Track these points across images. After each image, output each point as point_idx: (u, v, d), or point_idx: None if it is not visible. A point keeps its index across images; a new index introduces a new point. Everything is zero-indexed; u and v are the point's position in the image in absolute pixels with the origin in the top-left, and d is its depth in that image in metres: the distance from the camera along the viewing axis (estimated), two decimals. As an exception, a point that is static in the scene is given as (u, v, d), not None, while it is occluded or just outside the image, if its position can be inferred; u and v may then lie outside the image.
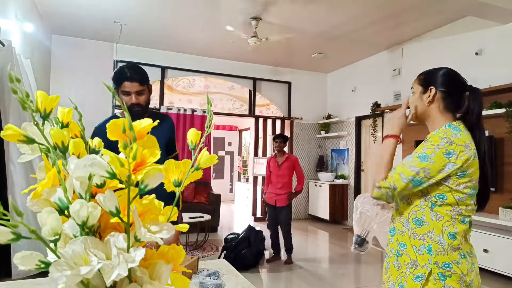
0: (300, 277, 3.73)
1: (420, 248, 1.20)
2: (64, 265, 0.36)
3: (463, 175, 1.17)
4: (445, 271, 1.16)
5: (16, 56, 3.16)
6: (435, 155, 1.16)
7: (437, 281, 1.15)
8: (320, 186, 6.76)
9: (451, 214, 1.18)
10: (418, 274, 1.18)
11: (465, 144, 1.17)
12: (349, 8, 4.31)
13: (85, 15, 4.70)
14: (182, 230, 0.48)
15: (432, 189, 1.19)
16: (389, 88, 5.70)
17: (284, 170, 4.26)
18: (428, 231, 1.19)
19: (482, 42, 4.30)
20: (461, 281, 1.16)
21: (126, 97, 1.65)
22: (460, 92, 1.29)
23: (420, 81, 1.34)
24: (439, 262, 1.16)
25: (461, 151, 1.15)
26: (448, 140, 1.17)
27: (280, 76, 7.07)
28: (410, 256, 1.22)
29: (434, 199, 1.19)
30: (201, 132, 0.52)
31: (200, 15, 4.62)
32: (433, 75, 1.31)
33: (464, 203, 1.18)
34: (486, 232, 3.73)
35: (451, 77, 1.30)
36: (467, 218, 1.20)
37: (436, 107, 1.29)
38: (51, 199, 0.43)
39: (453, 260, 1.16)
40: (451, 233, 1.17)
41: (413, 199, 1.24)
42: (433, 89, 1.28)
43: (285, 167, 4.26)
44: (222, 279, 1.29)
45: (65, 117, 0.49)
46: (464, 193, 1.17)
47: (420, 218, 1.21)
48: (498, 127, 3.99)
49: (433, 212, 1.19)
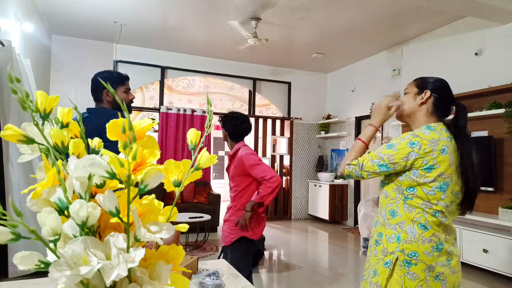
0: (300, 277, 3.73)
1: (391, 237, 1.31)
2: (63, 265, 0.36)
3: (430, 169, 1.27)
4: (411, 259, 1.26)
5: (16, 56, 3.16)
6: (400, 144, 1.30)
7: (402, 267, 1.27)
8: (320, 186, 6.77)
9: (422, 207, 1.28)
10: (387, 260, 1.30)
11: (432, 139, 1.29)
12: (349, 8, 4.31)
13: (85, 15, 4.70)
14: (182, 230, 0.48)
15: (404, 182, 1.30)
16: (389, 88, 5.70)
17: (232, 177, 2.45)
18: (400, 221, 1.31)
19: (482, 42, 4.30)
20: (427, 271, 1.25)
21: (126, 95, 1.80)
22: (450, 103, 1.42)
23: (417, 83, 1.44)
24: (405, 250, 1.27)
25: (424, 144, 1.27)
26: (414, 134, 1.31)
27: (280, 76, 7.07)
28: (384, 244, 1.34)
29: (406, 192, 1.31)
30: (201, 132, 0.52)
31: (200, 15, 4.62)
32: (430, 81, 1.42)
33: (434, 197, 1.27)
34: (486, 232, 3.73)
35: (446, 87, 1.42)
36: (439, 213, 1.28)
37: (425, 109, 1.40)
38: (50, 199, 0.43)
39: (424, 250, 1.25)
40: (422, 224, 1.28)
41: (390, 193, 1.36)
42: (428, 92, 1.39)
43: (232, 173, 2.43)
44: (222, 279, 1.29)
45: (65, 117, 0.49)
46: (431, 186, 1.27)
47: (394, 210, 1.33)
48: (498, 127, 3.99)
49: (406, 205, 1.31)
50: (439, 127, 1.34)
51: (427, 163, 1.26)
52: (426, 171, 1.27)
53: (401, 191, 1.31)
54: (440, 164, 1.27)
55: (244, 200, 2.37)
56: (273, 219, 6.85)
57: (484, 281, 3.61)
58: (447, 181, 1.28)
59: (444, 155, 1.28)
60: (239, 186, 2.39)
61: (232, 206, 2.42)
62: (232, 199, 2.45)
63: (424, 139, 1.28)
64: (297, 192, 7.13)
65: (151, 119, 0.45)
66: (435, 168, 1.26)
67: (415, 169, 1.28)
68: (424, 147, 1.27)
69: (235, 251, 2.33)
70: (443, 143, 1.29)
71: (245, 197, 2.38)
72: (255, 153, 2.41)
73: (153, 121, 0.46)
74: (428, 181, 1.27)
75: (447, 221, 1.31)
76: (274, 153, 7.12)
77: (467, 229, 3.93)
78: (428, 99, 1.39)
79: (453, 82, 5.22)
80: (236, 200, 2.41)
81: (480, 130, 4.23)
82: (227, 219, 2.42)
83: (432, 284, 1.25)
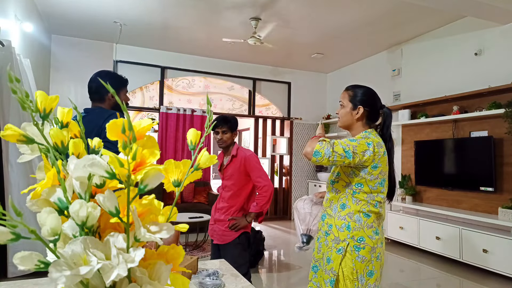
0: (300, 277, 3.73)
1: (342, 227, 1.53)
2: (63, 265, 0.36)
3: (376, 167, 1.51)
4: (360, 244, 1.48)
5: (15, 56, 3.16)
6: (360, 140, 1.52)
7: (353, 252, 1.48)
8: (319, 186, 6.77)
9: (366, 199, 1.52)
10: (340, 247, 1.50)
11: (379, 142, 1.54)
12: (349, 8, 4.31)
13: (85, 15, 4.69)
14: (182, 230, 0.48)
15: (353, 180, 1.53)
16: (388, 88, 5.70)
17: (230, 176, 2.45)
18: (349, 212, 1.53)
19: (481, 43, 4.30)
20: (372, 253, 1.48)
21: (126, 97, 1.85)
22: (379, 109, 1.65)
23: (350, 97, 1.65)
24: (355, 236, 1.49)
25: (375, 145, 1.51)
26: (367, 136, 1.55)
27: (279, 76, 7.07)
28: (335, 234, 1.55)
29: (355, 187, 1.53)
30: (200, 132, 0.53)
31: (200, 15, 4.62)
32: (359, 95, 1.63)
33: (375, 191, 1.53)
34: (485, 232, 3.73)
35: (373, 96, 1.65)
36: (379, 204, 1.54)
37: (361, 120, 1.63)
38: (50, 199, 0.43)
39: (368, 235, 1.49)
40: (366, 213, 1.52)
41: (340, 189, 1.58)
42: (361, 108, 1.61)
43: (232, 172, 2.44)
44: (221, 279, 1.29)
45: (65, 117, 0.49)
46: (375, 182, 1.52)
47: (344, 203, 1.56)
48: (498, 127, 4.00)
49: (354, 198, 1.53)
50: (374, 132, 1.59)
51: (374, 162, 1.50)
52: (373, 169, 1.50)
53: (350, 187, 1.54)
54: (382, 163, 1.52)
55: (241, 200, 2.43)
56: (273, 219, 6.84)
57: (484, 281, 3.61)
58: (385, 178, 1.56)
59: (385, 156, 1.54)
60: (236, 186, 2.43)
61: (228, 206, 2.44)
62: (226, 199, 2.46)
63: (375, 141, 1.53)
64: (297, 192, 7.13)
65: (151, 119, 0.46)
66: (379, 167, 1.51)
67: (365, 167, 1.51)
68: (375, 148, 1.50)
69: (236, 248, 2.40)
70: (383, 146, 1.55)
71: (242, 196, 2.44)
72: (256, 155, 2.52)
73: (153, 121, 0.46)
74: (373, 178, 1.51)
75: (382, 211, 1.56)
76: (274, 153, 7.11)
77: (467, 229, 3.93)
78: (363, 114, 1.61)
79: (453, 82, 5.23)
80: (232, 200, 2.44)
81: (480, 130, 4.23)
82: (222, 219, 2.44)
83: (375, 264, 1.49)
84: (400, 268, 4.11)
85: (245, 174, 2.41)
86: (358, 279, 1.46)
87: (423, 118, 4.78)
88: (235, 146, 2.48)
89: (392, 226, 4.99)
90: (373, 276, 1.48)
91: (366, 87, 1.67)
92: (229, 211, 2.43)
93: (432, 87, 4.90)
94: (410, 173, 5.10)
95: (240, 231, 2.40)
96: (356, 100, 1.63)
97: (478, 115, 4.09)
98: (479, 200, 4.21)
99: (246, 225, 2.41)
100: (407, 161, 5.22)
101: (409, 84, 5.34)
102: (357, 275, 1.46)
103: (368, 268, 1.47)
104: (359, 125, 1.63)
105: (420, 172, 4.90)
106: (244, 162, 2.40)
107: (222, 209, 2.46)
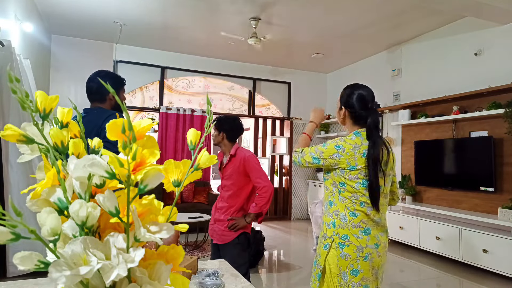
0: (300, 277, 3.73)
1: (329, 223, 1.56)
2: (63, 265, 0.36)
3: (353, 168, 1.51)
4: (344, 241, 1.49)
5: (15, 56, 3.16)
6: (329, 145, 1.57)
7: (337, 249, 1.50)
8: (319, 186, 6.77)
9: (351, 198, 1.52)
10: (326, 243, 1.54)
11: (355, 144, 1.53)
12: (349, 8, 4.31)
13: (85, 15, 4.69)
14: (182, 230, 0.48)
15: (337, 179, 1.55)
16: (388, 88, 5.70)
17: (229, 176, 2.44)
18: (336, 210, 1.55)
19: (481, 43, 4.30)
20: (358, 251, 1.48)
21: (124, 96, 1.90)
22: (363, 110, 1.60)
23: (340, 97, 1.69)
24: (340, 233, 1.51)
25: (348, 148, 1.52)
26: (342, 139, 1.56)
27: (279, 76, 7.07)
28: (324, 230, 1.60)
29: (339, 186, 1.55)
30: (200, 132, 0.52)
31: (200, 15, 4.62)
32: (344, 96, 1.65)
33: (359, 191, 1.51)
34: (485, 233, 3.73)
35: (359, 99, 1.60)
36: (365, 204, 1.51)
37: (348, 121, 1.66)
38: (50, 199, 0.43)
39: (353, 233, 1.49)
40: (352, 212, 1.52)
41: (329, 187, 1.61)
42: (343, 108, 1.65)
43: (231, 172, 2.43)
44: (221, 279, 1.29)
45: (65, 117, 0.49)
46: (355, 183, 1.51)
47: (332, 201, 1.58)
48: (498, 127, 4.00)
49: (340, 196, 1.55)
50: (364, 133, 1.57)
51: (350, 164, 1.51)
52: (349, 171, 1.51)
53: (336, 185, 1.57)
54: (360, 165, 1.51)
55: (241, 200, 2.43)
56: (273, 219, 6.85)
57: (483, 281, 3.61)
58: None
59: (364, 157, 1.51)
60: (235, 186, 2.42)
61: (227, 206, 2.43)
62: (226, 199, 2.45)
63: (348, 143, 1.53)
64: (297, 192, 7.13)
65: (150, 119, 0.46)
66: (357, 169, 1.50)
67: (341, 169, 1.52)
68: (347, 150, 1.51)
69: (236, 248, 2.40)
70: (364, 147, 1.52)
71: (242, 196, 2.44)
72: (255, 156, 2.49)
73: (152, 121, 0.46)
74: (352, 178, 1.51)
75: (372, 211, 1.51)
76: (274, 153, 7.12)
77: (466, 229, 3.93)
78: (345, 114, 1.64)
79: (453, 82, 5.24)
80: (231, 199, 2.43)
81: (480, 130, 4.23)
82: (222, 219, 2.44)
83: (362, 263, 1.48)
84: (400, 268, 4.11)
85: (244, 174, 2.41)
86: (341, 275, 1.48)
87: (423, 118, 4.78)
88: (235, 146, 2.46)
89: (392, 226, 4.99)
90: (358, 275, 1.48)
91: (352, 87, 1.65)
92: (228, 211, 2.43)
93: (432, 87, 4.91)
94: (410, 173, 5.11)
95: (240, 231, 2.39)
96: (341, 101, 1.67)
97: (478, 115, 4.09)
98: (479, 200, 4.21)
99: (245, 225, 2.40)
100: (407, 161, 5.22)
101: (409, 84, 5.34)
102: (340, 271, 1.48)
103: (353, 267, 1.47)
104: (349, 124, 1.66)
105: (420, 172, 4.90)
106: (243, 162, 2.39)
107: (222, 209, 2.46)
